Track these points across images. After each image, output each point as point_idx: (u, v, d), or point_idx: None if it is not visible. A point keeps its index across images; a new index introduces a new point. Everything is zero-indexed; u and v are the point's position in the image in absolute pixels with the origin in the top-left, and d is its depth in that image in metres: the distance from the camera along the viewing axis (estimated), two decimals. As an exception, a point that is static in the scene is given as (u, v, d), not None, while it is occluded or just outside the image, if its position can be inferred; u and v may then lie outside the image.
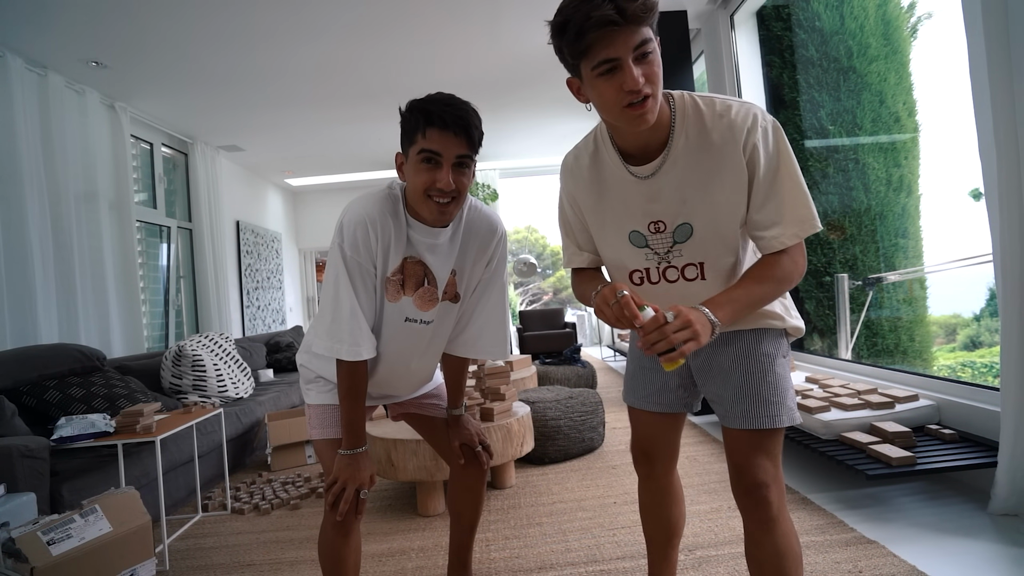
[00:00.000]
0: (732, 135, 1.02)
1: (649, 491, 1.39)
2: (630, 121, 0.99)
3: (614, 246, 1.18)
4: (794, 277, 1.07)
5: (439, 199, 1.23)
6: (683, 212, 1.09)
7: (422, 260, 1.33)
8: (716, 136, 1.03)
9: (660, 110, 1.03)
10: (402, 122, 1.26)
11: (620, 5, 0.90)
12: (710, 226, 1.08)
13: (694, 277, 1.13)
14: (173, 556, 2.16)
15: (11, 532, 1.54)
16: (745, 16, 3.67)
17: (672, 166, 1.06)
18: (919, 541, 1.79)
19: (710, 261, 1.12)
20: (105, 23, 3.29)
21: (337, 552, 1.34)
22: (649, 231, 1.12)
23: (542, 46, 4.09)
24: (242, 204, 6.75)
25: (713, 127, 1.04)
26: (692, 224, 1.09)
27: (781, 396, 1.13)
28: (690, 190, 1.07)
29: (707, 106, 1.05)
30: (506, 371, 2.72)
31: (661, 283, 1.16)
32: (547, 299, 18.68)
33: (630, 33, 0.92)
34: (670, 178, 1.07)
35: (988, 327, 4.22)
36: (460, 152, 1.23)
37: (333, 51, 3.89)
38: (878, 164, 3.59)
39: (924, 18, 3.63)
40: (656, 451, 1.34)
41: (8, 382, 2.52)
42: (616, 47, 0.93)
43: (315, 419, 1.43)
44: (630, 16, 0.91)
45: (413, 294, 1.34)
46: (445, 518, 2.31)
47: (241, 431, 3.29)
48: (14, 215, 3.31)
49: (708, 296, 1.06)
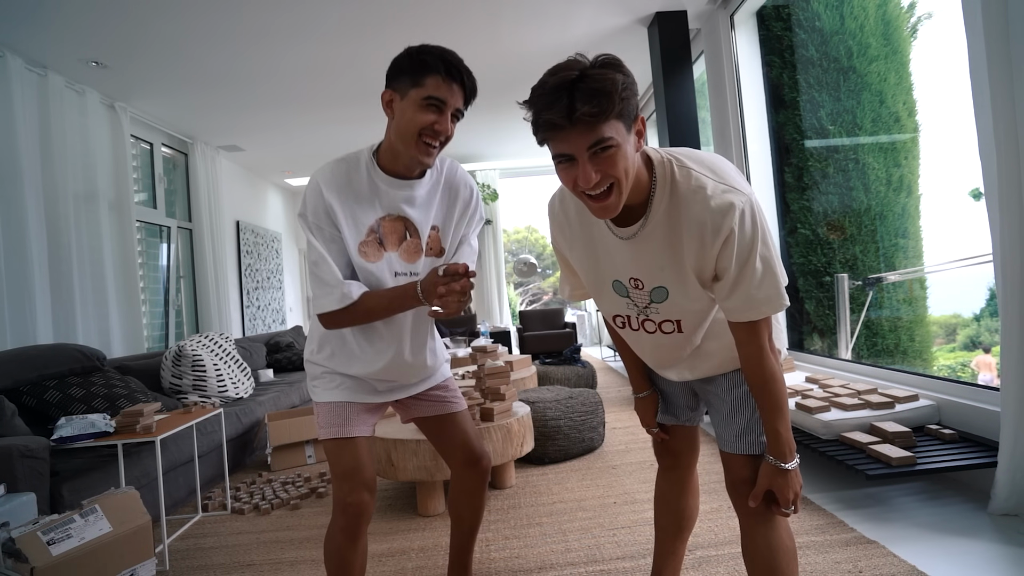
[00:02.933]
0: (709, 218, 1.00)
1: (668, 480, 1.45)
2: (592, 211, 1.00)
3: (598, 291, 1.22)
4: (768, 365, 1.07)
5: (430, 141, 1.26)
6: (660, 277, 1.09)
7: (401, 215, 1.34)
8: (693, 212, 1.01)
9: (638, 176, 1.01)
10: (404, 60, 1.26)
11: (573, 105, 0.88)
12: (683, 294, 1.09)
13: (671, 331, 1.16)
14: (173, 556, 2.16)
15: (11, 532, 1.54)
16: (745, 16, 3.67)
17: (651, 232, 1.05)
18: (919, 541, 1.79)
19: (687, 319, 1.14)
20: (105, 23, 3.29)
21: (344, 556, 1.33)
22: (630, 285, 1.14)
23: (542, 46, 4.09)
24: (242, 204, 6.75)
25: (689, 202, 1.01)
26: (668, 289, 1.10)
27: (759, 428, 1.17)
28: (666, 259, 1.07)
29: (683, 177, 1.02)
30: (506, 371, 2.72)
31: (641, 331, 1.20)
32: (547, 299, 18.67)
33: (582, 133, 0.90)
34: (648, 244, 1.07)
35: (988, 327, 4.22)
36: (459, 105, 1.28)
37: (333, 51, 3.89)
38: (878, 164, 3.59)
39: (924, 18, 3.63)
40: (679, 448, 1.42)
41: (8, 382, 2.52)
42: (569, 145, 0.92)
43: (323, 417, 1.37)
44: (577, 120, 0.89)
45: (397, 248, 1.34)
46: (445, 518, 2.31)
47: (241, 431, 3.29)
48: (14, 215, 3.31)
49: (687, 343, 1.16)
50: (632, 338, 1.24)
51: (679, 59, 3.74)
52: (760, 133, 3.75)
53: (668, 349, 1.20)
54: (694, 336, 1.17)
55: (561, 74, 0.90)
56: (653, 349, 1.23)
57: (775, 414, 1.07)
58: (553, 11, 3.61)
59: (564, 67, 0.91)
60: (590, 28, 3.91)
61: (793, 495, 1.08)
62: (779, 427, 1.07)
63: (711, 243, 1.01)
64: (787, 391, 1.10)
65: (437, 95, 1.23)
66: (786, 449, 1.07)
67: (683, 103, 3.75)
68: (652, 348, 1.22)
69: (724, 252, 1.01)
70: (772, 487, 1.09)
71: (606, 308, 1.23)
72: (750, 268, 1.00)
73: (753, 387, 1.08)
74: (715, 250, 1.01)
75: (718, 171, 1.03)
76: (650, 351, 1.24)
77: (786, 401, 1.08)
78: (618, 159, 0.93)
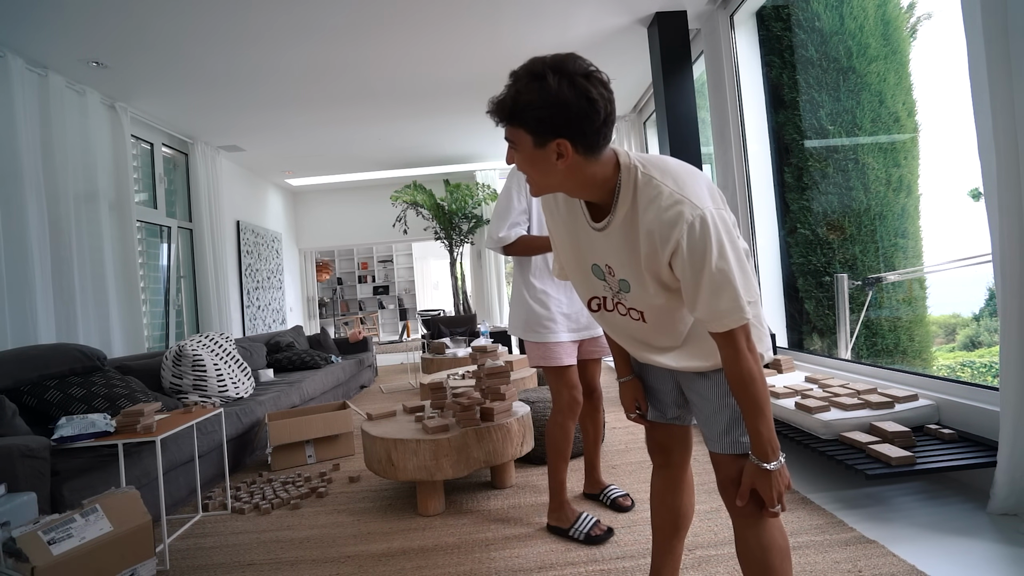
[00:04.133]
0: (658, 227, 1.04)
1: (663, 479, 1.45)
2: None
3: (578, 272, 1.26)
4: (746, 367, 1.07)
5: None
6: (623, 271, 1.15)
7: None
8: (647, 219, 1.06)
9: (605, 176, 1.08)
10: None
11: (496, 99, 1.04)
12: (642, 288, 1.13)
13: (637, 319, 1.21)
14: (173, 556, 2.17)
15: (12, 532, 1.55)
16: (745, 16, 3.68)
17: (615, 229, 1.11)
18: (919, 541, 1.79)
19: (648, 313, 1.18)
20: (105, 23, 3.29)
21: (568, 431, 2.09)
22: (605, 270, 1.19)
23: (542, 46, 4.09)
24: (242, 204, 6.76)
25: (644, 208, 1.06)
26: (629, 282, 1.15)
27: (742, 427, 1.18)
28: (625, 256, 1.12)
29: (644, 184, 1.06)
30: (506, 371, 2.72)
31: (615, 312, 1.24)
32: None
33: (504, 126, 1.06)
34: (613, 239, 1.12)
35: (988, 327, 4.22)
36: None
37: (333, 51, 3.90)
38: (878, 164, 3.59)
39: (924, 18, 3.63)
40: (672, 445, 1.42)
41: (9, 382, 2.52)
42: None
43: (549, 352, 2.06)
44: (492, 115, 1.06)
45: None
46: (445, 518, 2.32)
47: (241, 431, 3.29)
48: (15, 215, 3.32)
49: (655, 334, 1.22)
50: (607, 320, 1.28)
51: (679, 59, 3.74)
52: (760, 133, 3.75)
53: (639, 334, 1.25)
54: (661, 330, 1.20)
55: (519, 68, 1.03)
56: (626, 331, 1.27)
57: (755, 414, 1.08)
58: (553, 11, 3.61)
59: (531, 61, 1.02)
60: (590, 28, 3.91)
61: (777, 494, 1.08)
62: (760, 427, 1.08)
63: (661, 251, 1.05)
64: (769, 392, 1.12)
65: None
66: (768, 449, 1.08)
67: (683, 103, 3.76)
68: (625, 331, 1.27)
69: (675, 261, 1.05)
70: (756, 486, 1.10)
71: (584, 291, 1.28)
72: (705, 281, 1.03)
73: (733, 388, 1.10)
74: (665, 258, 1.06)
75: (680, 182, 1.05)
76: (624, 334, 1.29)
77: (767, 401, 1.08)
78: (523, 161, 1.07)
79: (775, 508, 1.10)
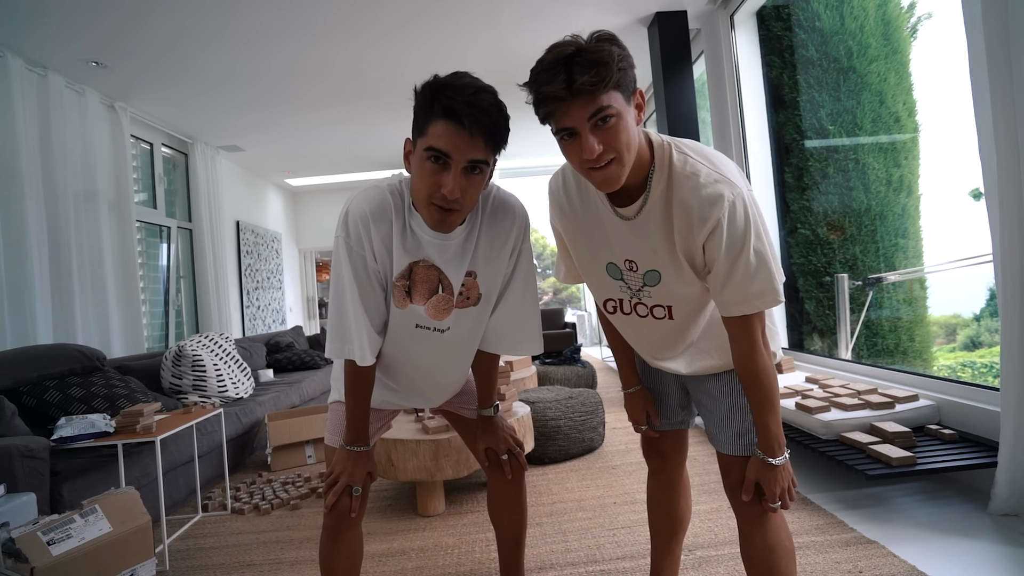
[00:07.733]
0: (697, 205, 1.00)
1: (659, 483, 1.44)
2: (595, 183, 1.00)
3: (592, 273, 1.21)
4: (761, 360, 1.06)
5: (441, 205, 1.07)
6: (653, 260, 1.10)
7: (435, 264, 1.19)
8: (683, 196, 1.02)
9: (640, 155, 1.01)
10: (415, 103, 1.08)
11: (572, 77, 0.89)
12: (677, 278, 1.09)
13: (662, 317, 1.16)
14: (173, 556, 2.16)
15: (11, 532, 1.54)
16: (745, 16, 3.67)
17: (649, 213, 1.06)
18: (919, 541, 1.79)
19: (678, 306, 1.14)
20: (105, 23, 3.29)
21: (326, 558, 1.32)
22: (624, 267, 1.14)
23: (542, 46, 4.09)
24: (242, 204, 6.75)
25: (681, 186, 1.02)
26: (661, 272, 1.10)
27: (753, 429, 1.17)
28: (659, 241, 1.07)
29: (680, 162, 1.03)
30: (506, 371, 2.72)
31: (633, 315, 1.19)
32: (547, 299, 18.67)
33: (583, 104, 0.91)
34: (646, 225, 1.07)
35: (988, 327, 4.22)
36: (474, 156, 1.05)
37: (333, 51, 3.89)
38: (878, 164, 3.59)
39: (924, 18, 3.63)
40: (667, 449, 1.41)
41: (8, 382, 2.52)
42: (571, 118, 0.93)
43: (331, 420, 1.37)
44: (577, 90, 0.90)
45: (425, 302, 1.21)
46: (445, 518, 2.31)
47: (241, 431, 3.29)
48: (14, 215, 3.31)
49: (677, 333, 1.17)
50: (623, 323, 1.23)
51: (679, 59, 3.74)
52: (760, 133, 3.75)
53: (659, 336, 1.20)
54: (685, 328, 1.17)
55: (558, 50, 0.92)
56: (644, 335, 1.23)
57: (766, 409, 1.07)
58: (553, 11, 3.61)
59: (561, 44, 0.93)
60: (590, 28, 3.91)
61: (781, 490, 1.08)
62: (769, 422, 1.07)
63: (697, 230, 1.01)
64: (779, 388, 1.10)
65: (438, 146, 1.03)
66: (775, 444, 1.08)
67: (683, 103, 3.75)
68: (643, 334, 1.22)
69: (711, 242, 1.01)
70: (760, 481, 1.09)
71: (598, 292, 1.23)
72: (743, 261, 1.00)
73: (745, 381, 1.08)
74: (701, 238, 1.02)
75: (715, 162, 1.03)
76: (641, 338, 1.24)
77: (777, 397, 1.08)
78: (619, 130, 0.94)
79: (775, 504, 1.09)
